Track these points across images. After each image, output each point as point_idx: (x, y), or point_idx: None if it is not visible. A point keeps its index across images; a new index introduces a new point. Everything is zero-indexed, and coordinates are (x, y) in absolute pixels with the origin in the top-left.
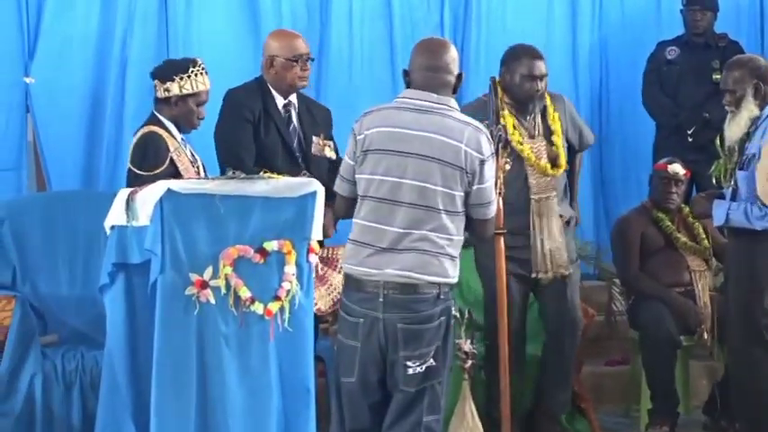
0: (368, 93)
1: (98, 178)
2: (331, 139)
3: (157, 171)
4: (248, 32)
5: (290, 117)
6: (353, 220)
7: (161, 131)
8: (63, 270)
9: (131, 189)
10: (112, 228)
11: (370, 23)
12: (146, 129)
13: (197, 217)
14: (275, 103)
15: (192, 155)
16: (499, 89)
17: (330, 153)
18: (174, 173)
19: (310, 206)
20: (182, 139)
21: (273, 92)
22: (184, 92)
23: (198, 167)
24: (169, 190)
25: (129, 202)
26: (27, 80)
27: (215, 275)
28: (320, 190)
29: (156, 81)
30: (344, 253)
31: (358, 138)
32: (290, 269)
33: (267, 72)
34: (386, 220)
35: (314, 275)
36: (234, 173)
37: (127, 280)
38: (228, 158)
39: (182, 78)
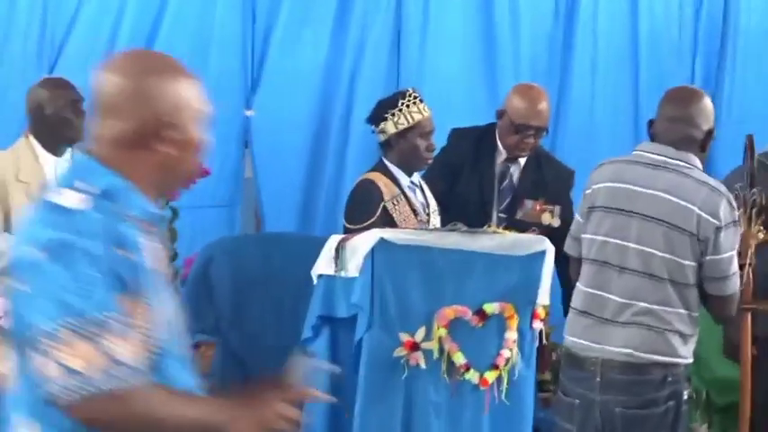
0: (607, 143)
1: (315, 220)
2: (557, 203)
3: (364, 225)
4: (484, 71)
5: (505, 173)
6: (577, 285)
7: (379, 179)
8: (270, 317)
9: (342, 236)
10: (320, 277)
11: (615, 70)
12: (362, 177)
13: (411, 271)
14: (493, 155)
15: (425, 199)
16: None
17: (550, 220)
18: (388, 225)
19: (538, 267)
20: (411, 182)
21: (499, 143)
22: (400, 127)
23: (429, 213)
24: (382, 239)
25: (339, 251)
26: (248, 113)
27: (428, 337)
28: (550, 249)
29: (372, 127)
30: (566, 324)
31: (586, 192)
32: (511, 335)
33: (498, 121)
34: (607, 286)
35: (537, 344)
36: (455, 224)
37: (332, 335)
38: None
39: (393, 114)
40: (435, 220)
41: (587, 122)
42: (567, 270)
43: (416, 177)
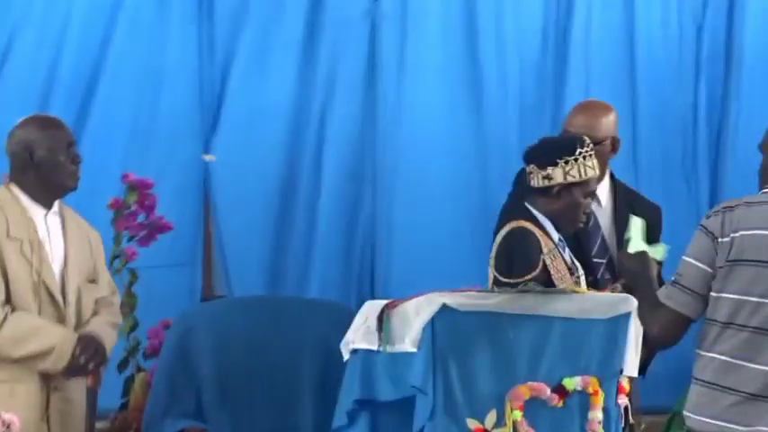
0: None
1: (284, 280)
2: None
3: (528, 277)
4: (469, 105)
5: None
6: (700, 352)
7: (534, 229)
8: (261, 396)
9: (387, 302)
10: (354, 353)
11: (611, 100)
12: (514, 224)
13: (479, 344)
14: None
15: (572, 261)
16: None
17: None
18: (546, 282)
19: (623, 331)
20: (559, 239)
21: None
22: (570, 179)
23: (578, 278)
24: (444, 306)
25: (384, 320)
26: (207, 158)
27: (500, 423)
28: (635, 310)
29: (531, 166)
30: (688, 399)
31: (721, 241)
32: (596, 415)
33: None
34: (757, 356)
35: (623, 424)
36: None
37: (373, 423)
38: None
39: (567, 163)
40: (583, 284)
41: None
42: None
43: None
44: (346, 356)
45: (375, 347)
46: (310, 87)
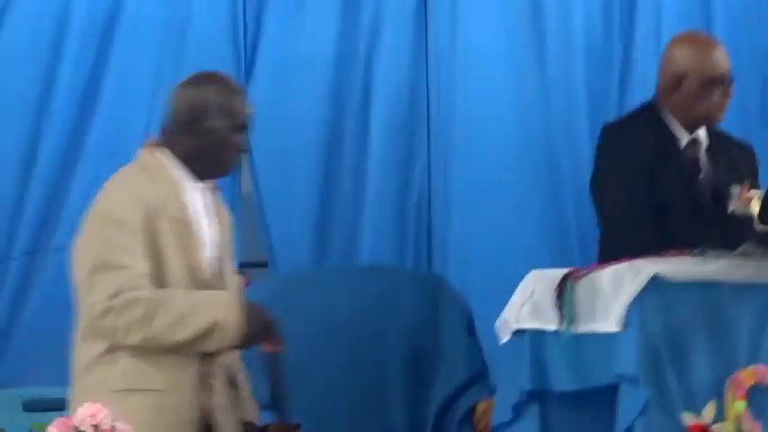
0: None
1: (331, 246)
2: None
3: None
4: (530, 54)
5: (697, 160)
6: None
7: None
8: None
9: (568, 270)
10: (519, 333)
11: None
12: None
13: (694, 321)
14: (676, 142)
15: None
16: None
17: (757, 208)
18: None
19: None
20: None
21: (674, 124)
22: None
23: None
24: (656, 277)
25: (566, 293)
26: None
27: (719, 417)
28: None
29: None
30: None
31: None
32: None
33: (669, 95)
34: None
35: None
36: (746, 246)
37: (543, 418)
38: (615, 227)
39: None
40: None
41: None
42: None
43: None
44: (505, 338)
45: (551, 327)
46: (354, 30)
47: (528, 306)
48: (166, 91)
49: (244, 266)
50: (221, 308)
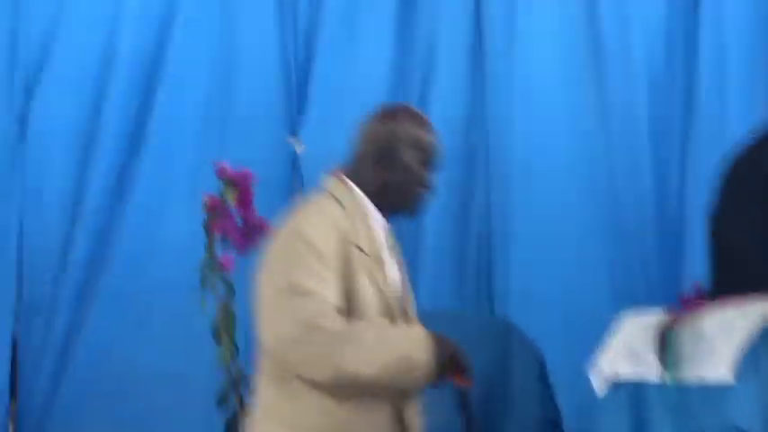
0: None
1: None
2: None
3: None
4: (590, 82)
5: None
6: None
7: None
8: None
9: (671, 315)
10: (615, 384)
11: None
12: None
13: None
14: None
15: None
16: None
17: None
18: None
19: None
20: None
21: None
22: None
23: None
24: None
25: (670, 340)
26: (294, 143)
27: None
28: None
29: None
30: None
31: None
32: None
33: None
34: None
35: None
36: None
37: None
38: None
39: None
40: None
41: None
42: None
43: None
44: (600, 389)
45: (652, 377)
46: (408, 60)
47: (623, 353)
48: (214, 126)
49: None
50: (414, 341)
